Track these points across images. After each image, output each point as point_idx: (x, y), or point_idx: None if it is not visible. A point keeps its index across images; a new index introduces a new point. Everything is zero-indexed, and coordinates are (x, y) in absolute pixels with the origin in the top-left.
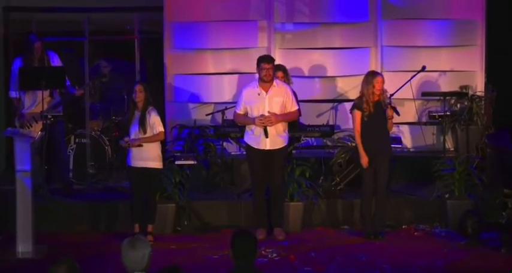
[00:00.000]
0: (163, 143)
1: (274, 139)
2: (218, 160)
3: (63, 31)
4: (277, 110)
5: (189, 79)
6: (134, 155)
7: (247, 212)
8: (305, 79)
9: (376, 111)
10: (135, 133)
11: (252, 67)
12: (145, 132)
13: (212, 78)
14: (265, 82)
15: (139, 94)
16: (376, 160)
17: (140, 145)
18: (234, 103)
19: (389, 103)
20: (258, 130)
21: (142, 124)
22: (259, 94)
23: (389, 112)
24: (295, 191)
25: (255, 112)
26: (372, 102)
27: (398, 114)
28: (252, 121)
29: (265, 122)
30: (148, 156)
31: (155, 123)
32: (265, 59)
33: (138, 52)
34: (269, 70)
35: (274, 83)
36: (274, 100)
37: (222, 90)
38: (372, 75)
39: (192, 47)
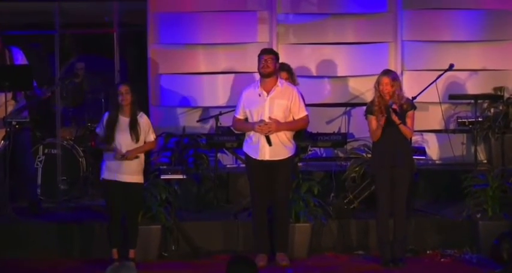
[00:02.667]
0: (147, 154)
1: (277, 148)
2: (211, 174)
3: (29, 23)
4: (279, 115)
5: (177, 79)
6: (111, 167)
7: (246, 234)
8: (313, 79)
9: (391, 118)
10: (125, 142)
11: (251, 66)
12: (138, 140)
13: (204, 78)
14: (265, 78)
15: (127, 96)
16: (393, 172)
17: (137, 157)
18: (229, 107)
19: (390, 106)
20: (257, 137)
21: (135, 131)
22: (259, 96)
23: (393, 117)
24: (301, 211)
25: (254, 117)
26: (380, 107)
27: (398, 115)
28: (252, 126)
29: (263, 129)
30: (129, 169)
31: (150, 130)
32: (264, 50)
33: (117, 48)
34: (267, 61)
35: (278, 83)
36: (276, 102)
37: (216, 92)
38: (379, 75)
39: (181, 42)
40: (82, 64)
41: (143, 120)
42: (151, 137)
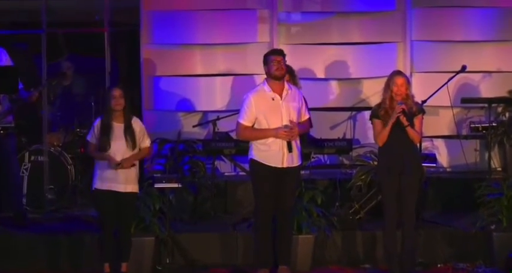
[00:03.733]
0: (140, 162)
1: (294, 154)
2: (208, 183)
3: (14, 22)
4: (294, 118)
5: (172, 81)
6: (104, 176)
7: (245, 246)
8: (316, 82)
9: (398, 120)
10: (120, 150)
11: (251, 68)
12: (134, 148)
13: (201, 80)
14: (276, 80)
15: (120, 101)
16: (401, 180)
17: (133, 165)
18: (228, 111)
19: (400, 104)
20: (278, 144)
21: (132, 137)
22: (273, 99)
23: (401, 117)
24: (304, 221)
25: (271, 123)
26: (390, 109)
27: (406, 117)
28: (274, 132)
29: (289, 134)
30: (126, 177)
31: (145, 135)
32: (275, 51)
33: (108, 48)
34: (281, 63)
35: (286, 85)
36: (291, 106)
37: (213, 95)
38: (391, 76)
39: (176, 42)
40: (69, 64)
41: (137, 125)
42: (147, 143)
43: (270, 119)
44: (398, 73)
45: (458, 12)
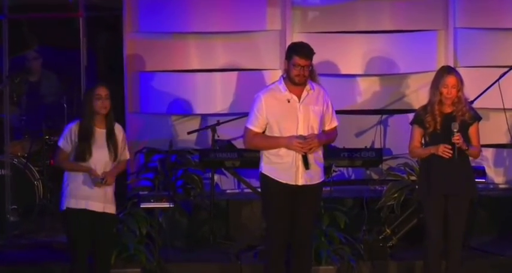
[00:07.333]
0: (118, 177)
1: (312, 169)
2: (206, 202)
3: None
4: (315, 125)
5: (161, 78)
6: (80, 192)
7: None
8: (338, 78)
9: (446, 128)
10: (101, 161)
11: (258, 61)
12: (115, 159)
13: (197, 76)
14: (296, 85)
15: (106, 102)
16: (448, 202)
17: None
18: (230, 115)
19: (452, 134)
20: (291, 157)
21: (114, 146)
22: (289, 102)
23: (455, 138)
24: (324, 249)
25: (284, 130)
26: (438, 114)
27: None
28: (286, 142)
29: (304, 147)
30: (102, 195)
31: (126, 146)
32: (302, 51)
33: (84, 37)
34: (305, 70)
35: (308, 85)
36: (311, 109)
37: (213, 95)
38: (440, 73)
39: (167, 30)
40: (36, 54)
41: (119, 132)
42: (127, 154)
43: (283, 125)
44: (448, 70)
45: None
